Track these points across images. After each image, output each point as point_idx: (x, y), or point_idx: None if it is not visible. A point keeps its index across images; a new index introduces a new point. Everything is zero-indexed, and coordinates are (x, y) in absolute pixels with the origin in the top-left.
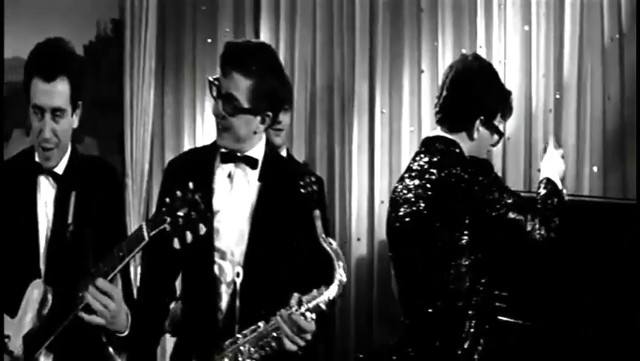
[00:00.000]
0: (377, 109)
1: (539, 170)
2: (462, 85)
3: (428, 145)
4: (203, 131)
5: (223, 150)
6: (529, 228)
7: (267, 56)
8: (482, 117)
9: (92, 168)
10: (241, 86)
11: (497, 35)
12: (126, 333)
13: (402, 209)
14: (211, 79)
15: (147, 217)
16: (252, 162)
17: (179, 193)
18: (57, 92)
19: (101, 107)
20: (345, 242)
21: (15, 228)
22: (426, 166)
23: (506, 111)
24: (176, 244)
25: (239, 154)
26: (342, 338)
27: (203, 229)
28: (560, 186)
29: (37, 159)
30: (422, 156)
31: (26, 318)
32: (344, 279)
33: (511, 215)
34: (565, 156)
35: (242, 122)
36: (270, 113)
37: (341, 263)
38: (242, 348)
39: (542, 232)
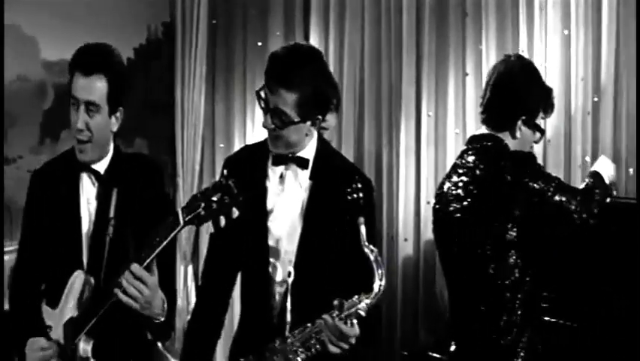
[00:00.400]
0: (423, 112)
1: (589, 174)
2: (504, 86)
3: (474, 143)
4: (254, 132)
5: (276, 152)
6: (572, 207)
7: (310, 64)
8: (524, 117)
9: (135, 166)
10: (288, 100)
11: (538, 39)
12: (162, 320)
13: (452, 205)
14: (260, 93)
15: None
16: (302, 163)
17: (212, 181)
18: (93, 87)
19: (151, 109)
20: (393, 242)
21: (59, 224)
22: (473, 163)
23: (548, 108)
24: (211, 228)
25: (290, 155)
26: (389, 336)
27: (236, 213)
28: (607, 181)
29: (78, 156)
30: (469, 153)
31: (67, 307)
32: (383, 287)
33: (557, 198)
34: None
35: (292, 131)
36: (319, 117)
37: (380, 271)
38: (290, 348)
39: (583, 215)
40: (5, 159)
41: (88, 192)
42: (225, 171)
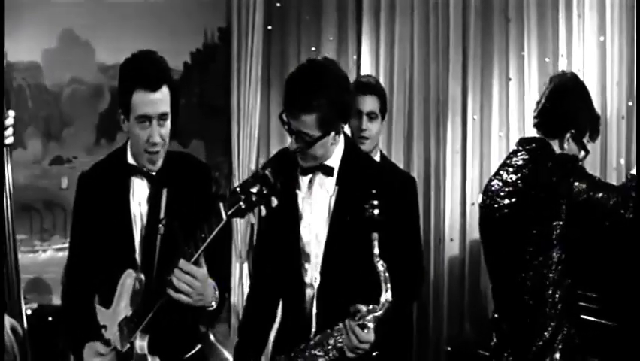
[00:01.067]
0: (469, 115)
1: (629, 176)
2: (558, 97)
3: (524, 144)
4: None
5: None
6: (611, 202)
7: (327, 82)
8: (573, 131)
9: (184, 166)
10: (308, 122)
11: (577, 45)
12: (214, 306)
13: (499, 202)
14: (282, 118)
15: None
16: (327, 170)
17: (250, 173)
18: (162, 99)
19: (208, 112)
20: (440, 242)
21: (110, 225)
22: (522, 163)
23: (593, 132)
24: (252, 218)
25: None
26: (436, 333)
27: (275, 202)
28: None
29: (130, 160)
30: (519, 153)
31: (120, 307)
32: (388, 301)
33: (599, 194)
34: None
35: (318, 147)
36: (343, 125)
37: (387, 285)
38: (310, 352)
39: (621, 211)
40: (60, 159)
41: (139, 193)
42: (261, 163)
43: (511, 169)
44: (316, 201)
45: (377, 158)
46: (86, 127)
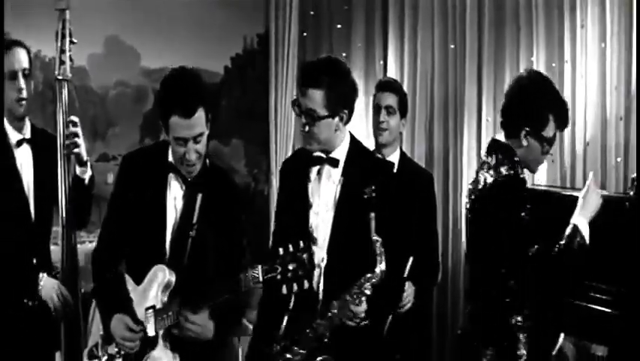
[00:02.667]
0: (483, 117)
1: (579, 199)
2: (511, 97)
3: (491, 146)
4: None
5: (314, 154)
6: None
7: (333, 66)
8: (527, 128)
9: (218, 179)
10: (316, 98)
11: (580, 51)
12: (210, 337)
13: (470, 202)
14: (294, 102)
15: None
16: (334, 162)
17: (291, 249)
18: (196, 123)
19: (247, 114)
20: (457, 232)
21: (146, 213)
22: (485, 165)
23: (560, 123)
24: (284, 290)
25: (323, 156)
26: (454, 316)
27: (306, 285)
28: (586, 236)
29: (170, 159)
30: (486, 155)
31: (149, 293)
32: (384, 271)
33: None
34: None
35: (323, 127)
36: (345, 111)
37: (382, 258)
38: (316, 322)
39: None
40: (106, 156)
41: (175, 191)
42: (302, 243)
43: (482, 169)
44: (324, 191)
45: (397, 154)
46: (131, 127)
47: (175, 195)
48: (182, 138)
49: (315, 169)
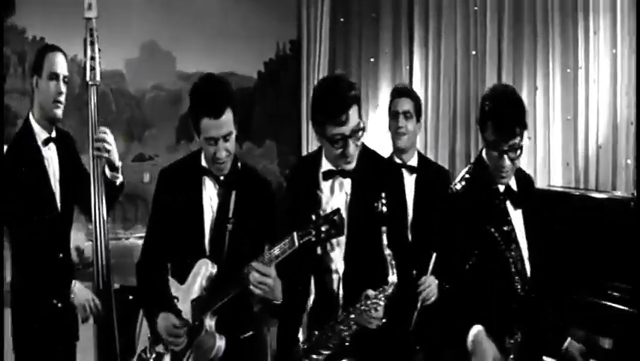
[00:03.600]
0: None
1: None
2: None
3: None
4: (366, 135)
5: (326, 168)
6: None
7: (352, 83)
8: (484, 142)
9: (249, 177)
10: (352, 114)
11: (593, 58)
12: (280, 302)
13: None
14: (332, 136)
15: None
16: (345, 173)
17: (322, 213)
18: (224, 123)
19: (279, 116)
20: None
21: (185, 216)
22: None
23: (500, 139)
24: (319, 250)
25: (334, 169)
26: None
27: (340, 238)
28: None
29: (203, 164)
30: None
31: (194, 287)
32: (395, 283)
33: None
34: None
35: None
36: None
37: (393, 270)
38: (337, 328)
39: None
40: (142, 156)
41: (210, 191)
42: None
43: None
44: (336, 201)
45: (415, 157)
46: (167, 129)
47: (210, 195)
48: (212, 138)
49: (329, 181)
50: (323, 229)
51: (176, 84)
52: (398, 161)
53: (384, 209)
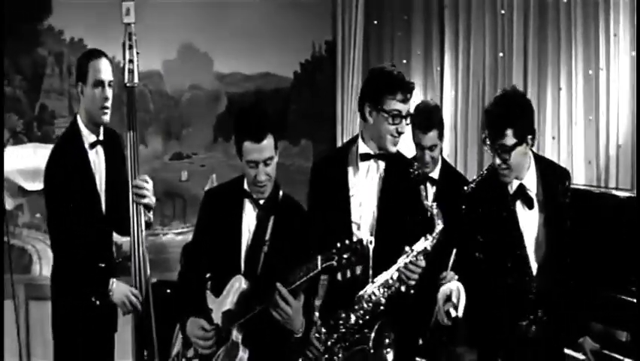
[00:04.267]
0: None
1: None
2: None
3: None
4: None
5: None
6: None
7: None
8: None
9: (287, 205)
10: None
11: (613, 59)
12: (299, 335)
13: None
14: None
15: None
16: (382, 157)
17: (347, 242)
18: (265, 147)
19: (315, 115)
20: None
21: (225, 234)
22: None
23: (488, 137)
24: (339, 276)
25: (371, 152)
26: None
27: (358, 270)
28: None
29: (245, 187)
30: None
31: (227, 300)
32: (441, 228)
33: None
34: None
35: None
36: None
37: (440, 218)
38: (373, 292)
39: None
40: (180, 155)
41: (249, 214)
42: (355, 238)
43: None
44: (368, 183)
45: (438, 168)
46: (204, 128)
47: (249, 217)
48: (253, 161)
49: (363, 165)
50: (345, 256)
51: (213, 84)
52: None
53: (419, 172)
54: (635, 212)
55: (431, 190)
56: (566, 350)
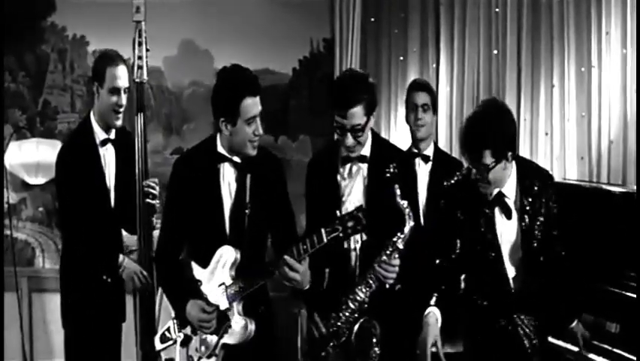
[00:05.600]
0: (521, 116)
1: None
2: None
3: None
4: (396, 130)
5: (345, 154)
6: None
7: (363, 83)
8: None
9: (262, 157)
10: (357, 114)
11: (605, 57)
12: (306, 288)
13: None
14: (335, 121)
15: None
16: (362, 158)
17: (348, 211)
18: (259, 102)
19: (313, 111)
20: None
21: (204, 202)
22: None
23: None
24: (345, 244)
25: (353, 155)
26: None
27: (364, 237)
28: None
29: (220, 150)
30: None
31: (218, 272)
32: (411, 228)
33: None
34: None
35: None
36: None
37: (409, 217)
38: (356, 288)
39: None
40: (180, 149)
41: (228, 177)
42: (355, 205)
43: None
44: (355, 184)
45: (431, 147)
46: (204, 123)
47: (229, 180)
48: (254, 116)
49: (347, 166)
50: (349, 225)
51: (213, 80)
52: (415, 150)
53: (395, 170)
54: (626, 207)
55: (425, 167)
56: (554, 340)
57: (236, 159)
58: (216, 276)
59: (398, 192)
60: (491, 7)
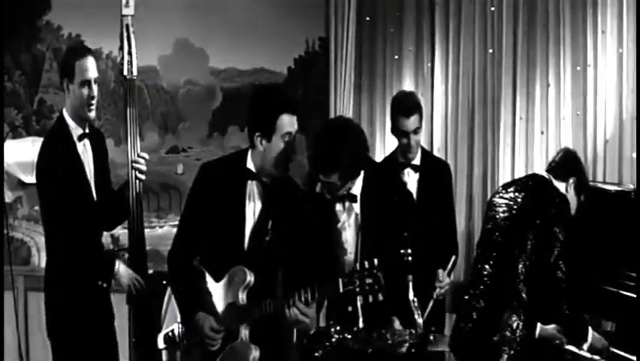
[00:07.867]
0: (517, 115)
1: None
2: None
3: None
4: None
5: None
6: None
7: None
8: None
9: (291, 192)
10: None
11: (601, 56)
12: (312, 332)
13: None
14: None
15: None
16: (352, 198)
17: (366, 265)
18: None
19: (309, 110)
20: None
21: (227, 215)
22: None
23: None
24: (358, 301)
25: (344, 193)
26: None
27: (380, 298)
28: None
29: (249, 166)
30: (516, 184)
31: (230, 290)
32: (421, 323)
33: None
34: None
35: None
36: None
37: (419, 314)
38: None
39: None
40: (176, 148)
41: (254, 196)
42: (376, 261)
43: (510, 192)
44: (348, 219)
45: (419, 155)
46: (200, 122)
47: (254, 199)
48: (289, 133)
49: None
50: (367, 281)
51: (208, 79)
52: (402, 160)
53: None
54: (622, 206)
55: (414, 177)
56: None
57: (265, 179)
58: (227, 294)
59: (411, 285)
60: (487, 5)
